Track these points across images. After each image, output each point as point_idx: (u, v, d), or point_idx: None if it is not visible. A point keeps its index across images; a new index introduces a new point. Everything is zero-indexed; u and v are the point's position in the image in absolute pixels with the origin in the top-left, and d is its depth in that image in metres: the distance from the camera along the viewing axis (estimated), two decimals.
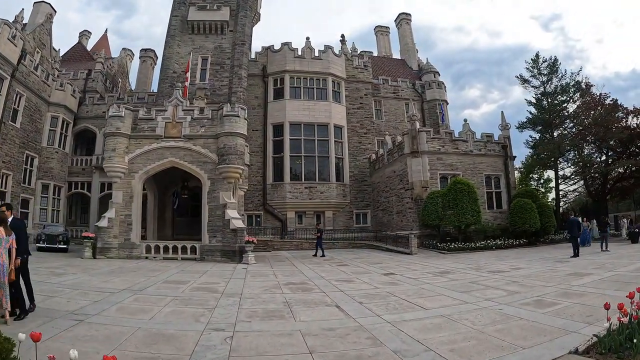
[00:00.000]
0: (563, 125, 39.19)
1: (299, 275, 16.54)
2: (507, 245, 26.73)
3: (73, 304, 9.27)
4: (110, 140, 23.44)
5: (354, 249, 30.69)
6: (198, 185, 25.36)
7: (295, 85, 37.52)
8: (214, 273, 16.90)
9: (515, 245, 26.97)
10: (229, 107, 23.92)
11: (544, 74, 39.17)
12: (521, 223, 27.59)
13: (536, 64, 39.57)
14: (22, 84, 29.09)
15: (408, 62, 52.23)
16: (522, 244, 27.41)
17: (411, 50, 53.33)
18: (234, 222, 22.51)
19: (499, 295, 10.69)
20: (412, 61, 52.14)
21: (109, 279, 13.93)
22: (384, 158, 34.47)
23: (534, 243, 28.24)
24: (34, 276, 12.84)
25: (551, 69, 38.96)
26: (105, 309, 8.92)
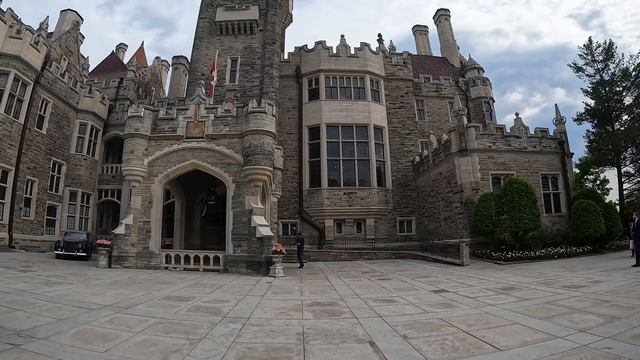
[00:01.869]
0: (624, 115, 35.11)
1: (329, 292, 13.74)
2: (570, 254, 23.21)
3: (29, 321, 7.94)
4: (128, 142, 21.73)
5: (398, 260, 27.73)
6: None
7: (331, 85, 35.15)
8: (230, 288, 14.48)
9: (579, 254, 23.45)
10: (254, 103, 21.66)
11: (598, 60, 35.39)
12: (585, 228, 24.16)
13: (590, 50, 35.79)
14: (48, 90, 28.58)
15: (449, 60, 49.32)
16: (586, 251, 23.82)
17: (452, 46, 50.48)
18: (261, 230, 20.06)
19: (594, 323, 7.78)
20: (453, 58, 49.23)
21: (103, 292, 12.07)
22: (428, 159, 31.55)
23: (598, 250, 24.55)
24: (23, 284, 12.02)
25: (607, 54, 35.37)
26: (61, 332, 7.36)
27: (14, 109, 25.41)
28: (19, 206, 25.65)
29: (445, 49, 51.17)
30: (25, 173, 26.39)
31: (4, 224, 24.22)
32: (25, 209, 26.49)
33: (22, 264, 18.10)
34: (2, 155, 24.39)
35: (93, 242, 24.49)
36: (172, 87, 48.96)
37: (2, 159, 24.34)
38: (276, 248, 19.13)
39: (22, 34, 25.48)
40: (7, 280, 13.02)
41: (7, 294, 10.52)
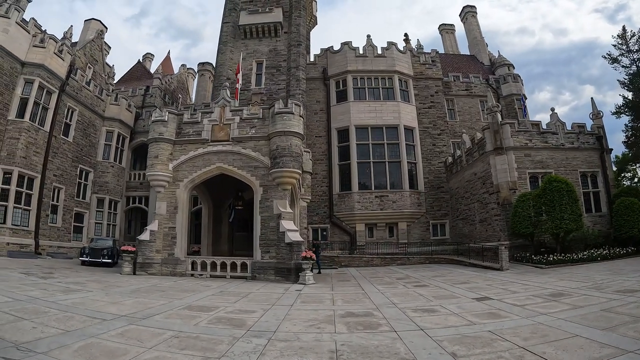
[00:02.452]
0: None
1: (363, 300, 12.52)
2: (614, 255, 21.38)
3: (34, 332, 7.28)
4: (153, 146, 21.18)
5: (432, 265, 26.30)
6: None
7: (359, 86, 34.04)
8: (257, 296, 13.42)
9: (623, 255, 21.59)
10: (281, 104, 20.75)
11: (633, 50, 33.47)
12: (628, 227, 22.44)
13: (624, 40, 33.87)
14: (74, 98, 28.64)
15: (478, 57, 47.79)
16: (630, 252, 21.88)
17: (480, 44, 48.89)
18: (290, 235, 19.03)
19: None
20: (482, 55, 47.63)
21: (120, 301, 11.27)
22: (462, 160, 30.09)
23: None
24: (39, 291, 11.49)
25: None
26: (65, 346, 6.67)
27: (39, 117, 25.35)
28: (45, 213, 25.45)
29: (473, 47, 49.67)
30: (52, 180, 26.31)
31: (30, 231, 23.97)
32: (52, 216, 26.29)
33: (45, 270, 17.54)
34: (28, 162, 24.23)
35: (119, 248, 23.87)
36: (198, 94, 48.58)
37: (27, 166, 24.17)
38: (306, 254, 18.11)
39: (45, 43, 25.51)
40: (24, 287, 12.37)
41: (19, 302, 9.85)
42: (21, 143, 23.74)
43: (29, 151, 24.26)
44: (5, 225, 22.42)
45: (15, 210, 23.13)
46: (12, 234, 22.72)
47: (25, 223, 23.81)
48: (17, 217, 23.29)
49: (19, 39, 24.48)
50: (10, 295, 10.53)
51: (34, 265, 18.84)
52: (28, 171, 24.13)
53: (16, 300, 9.94)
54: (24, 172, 23.84)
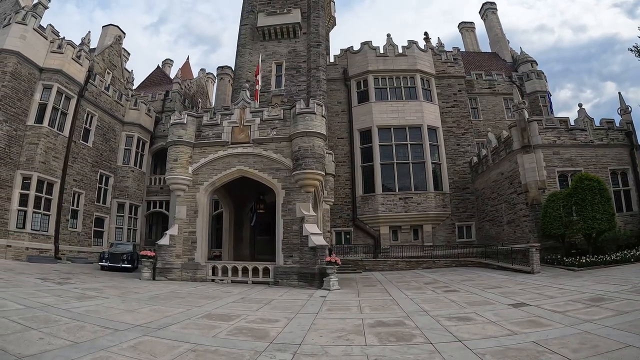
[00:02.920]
0: None
1: (392, 308, 11.60)
2: None
3: (40, 344, 6.69)
4: (172, 150, 20.62)
5: (459, 268, 25.15)
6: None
7: (381, 86, 33.13)
8: (280, 304, 12.60)
9: None
10: (302, 104, 19.97)
11: None
12: None
13: None
14: (93, 103, 28.48)
15: (500, 54, 46.53)
16: None
17: (502, 40, 47.67)
18: (313, 239, 18.17)
19: None
20: (504, 52, 46.35)
21: (137, 308, 10.63)
22: (487, 159, 28.93)
23: None
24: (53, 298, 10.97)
25: None
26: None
27: (58, 122, 25.19)
28: (65, 218, 25.25)
29: (494, 44, 48.43)
30: (72, 185, 26.15)
31: (50, 236, 23.69)
32: (72, 221, 26.11)
33: (63, 275, 17.04)
34: (47, 167, 23.99)
35: (139, 253, 23.45)
36: (218, 98, 48.29)
37: (47, 171, 23.95)
38: (330, 258, 17.24)
39: (63, 48, 25.38)
40: (39, 293, 11.78)
41: (30, 309, 9.24)
42: (40, 148, 23.51)
43: (48, 156, 24.04)
44: (25, 230, 22.17)
45: (34, 215, 22.87)
46: (32, 238, 22.44)
47: (45, 228, 23.52)
48: (37, 222, 23.01)
49: (37, 45, 24.40)
50: (22, 302, 9.96)
51: (52, 270, 18.37)
52: (47, 176, 23.89)
53: (27, 308, 9.37)
54: (43, 177, 23.59)
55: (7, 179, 22.21)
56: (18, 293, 11.27)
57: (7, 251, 21.12)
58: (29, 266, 19.20)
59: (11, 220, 21.84)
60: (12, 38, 23.29)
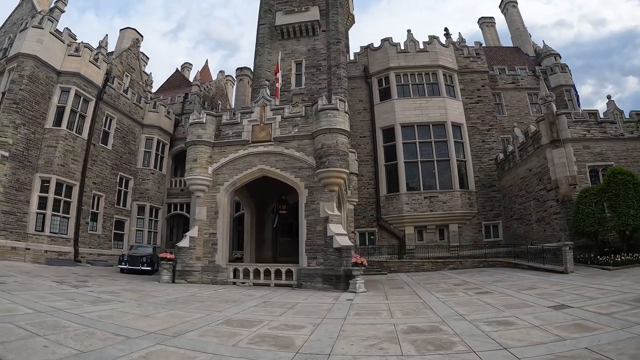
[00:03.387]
0: None
1: (424, 312, 10.67)
2: None
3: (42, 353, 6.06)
4: (191, 150, 19.94)
5: (487, 269, 23.97)
6: None
7: (402, 82, 32.05)
8: (305, 308, 11.72)
9: None
10: (324, 100, 19.06)
11: None
12: None
13: None
14: (112, 106, 28.29)
15: (522, 49, 44.89)
16: None
17: (523, 34, 46.10)
18: (338, 240, 17.24)
19: None
20: (526, 47, 44.74)
21: (153, 313, 9.87)
22: (514, 155, 27.69)
23: None
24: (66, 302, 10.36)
25: None
26: None
27: (76, 125, 25.01)
28: (85, 221, 25.02)
29: (516, 38, 46.92)
30: (92, 188, 25.91)
31: (69, 239, 23.42)
32: (92, 224, 25.83)
33: (80, 278, 16.50)
34: (66, 170, 23.75)
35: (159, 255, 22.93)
36: (237, 99, 47.79)
37: (66, 174, 23.70)
38: (356, 259, 16.26)
39: (80, 51, 25.39)
40: (52, 296, 11.14)
41: (40, 314, 8.57)
42: (58, 151, 23.31)
43: (66, 159, 23.81)
44: (44, 233, 21.91)
45: (53, 218, 22.62)
46: (50, 241, 22.16)
47: (64, 231, 23.23)
48: (56, 225, 22.72)
49: (54, 48, 24.35)
50: (33, 307, 9.31)
51: (70, 273, 17.88)
52: (66, 179, 23.63)
53: (37, 312, 8.72)
54: (62, 180, 23.32)
55: (25, 182, 22.02)
56: (30, 296, 10.64)
57: (25, 254, 20.86)
58: (47, 269, 18.73)
59: (30, 223, 21.60)
60: (29, 42, 23.26)
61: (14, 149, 21.68)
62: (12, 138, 21.64)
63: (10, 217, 20.93)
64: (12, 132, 21.71)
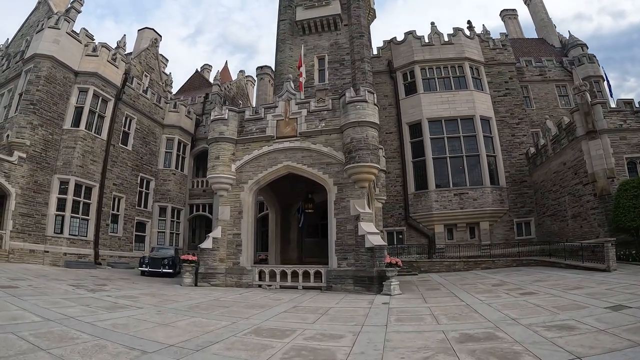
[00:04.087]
0: None
1: (471, 315, 9.45)
2: None
3: None
4: (213, 147, 18.89)
5: (522, 268, 22.41)
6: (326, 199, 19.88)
7: (428, 76, 30.58)
8: (339, 313, 10.48)
9: None
10: (352, 92, 17.86)
11: None
12: None
13: None
14: (131, 106, 27.54)
15: (548, 40, 43.02)
16: None
17: (548, 25, 44.30)
18: (370, 239, 15.96)
19: None
20: (551, 38, 42.88)
21: (173, 322, 8.70)
22: (547, 149, 26.07)
23: None
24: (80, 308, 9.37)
25: None
26: None
27: (95, 125, 24.35)
28: (106, 222, 24.33)
29: (541, 29, 45.15)
30: (112, 189, 25.21)
31: (89, 241, 22.67)
32: (113, 225, 25.14)
33: (99, 281, 15.54)
34: (85, 171, 23.06)
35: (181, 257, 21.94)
36: (258, 98, 46.66)
37: (85, 175, 23.00)
38: (391, 259, 14.97)
39: (98, 51, 24.82)
40: (65, 302, 10.09)
41: (48, 323, 7.57)
42: (77, 152, 22.66)
43: (85, 160, 23.11)
44: (63, 235, 21.20)
45: (72, 220, 21.92)
46: (70, 244, 21.43)
47: (84, 233, 22.51)
48: (75, 227, 22.00)
49: (71, 49, 23.79)
50: (42, 314, 8.29)
51: (89, 276, 16.98)
52: (85, 180, 22.91)
53: (45, 321, 7.69)
54: (81, 181, 22.63)
55: (44, 184, 21.36)
56: (42, 302, 9.61)
57: (44, 257, 20.20)
58: (65, 272, 17.92)
59: (49, 226, 20.94)
60: (45, 42, 22.74)
61: (32, 150, 21.06)
62: (30, 139, 21.02)
63: (28, 219, 20.27)
64: (30, 134, 21.08)
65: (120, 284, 15.51)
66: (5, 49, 29.17)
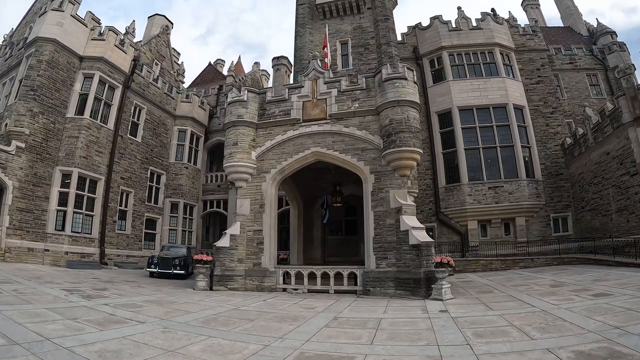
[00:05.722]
0: None
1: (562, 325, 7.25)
2: None
3: None
4: (230, 132, 16.50)
5: (565, 267, 20.02)
6: (354, 193, 18.81)
7: (457, 62, 27.89)
8: (396, 327, 8.02)
9: None
10: (389, 69, 15.40)
11: None
12: None
13: None
14: (141, 95, 25.16)
15: (574, 28, 40.18)
16: None
17: (575, 13, 41.45)
18: (415, 234, 13.53)
19: None
20: (578, 26, 39.99)
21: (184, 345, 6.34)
22: (587, 138, 23.37)
23: None
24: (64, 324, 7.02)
25: None
26: None
27: (101, 114, 22.06)
28: (112, 219, 21.97)
29: (567, 18, 42.35)
30: (119, 183, 22.89)
31: (93, 239, 20.33)
32: (120, 222, 22.79)
33: (100, 285, 13.17)
34: (89, 163, 20.71)
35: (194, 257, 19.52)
36: (275, 90, 44.22)
37: (89, 167, 20.66)
38: (441, 259, 12.57)
39: (105, 35, 22.62)
40: (49, 314, 7.76)
41: (12, 347, 5.35)
42: (80, 142, 20.39)
43: (90, 150, 20.80)
44: (64, 232, 18.88)
45: (75, 216, 19.56)
46: (72, 242, 19.11)
47: (88, 230, 20.17)
48: (78, 223, 19.66)
49: (75, 32, 21.58)
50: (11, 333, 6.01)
51: (89, 278, 14.66)
52: (90, 172, 20.59)
53: (9, 345, 5.39)
54: (84, 174, 20.30)
55: (44, 176, 19.12)
56: (19, 314, 7.28)
57: (44, 256, 17.96)
58: (65, 273, 15.64)
59: (49, 222, 18.70)
60: (48, 25, 20.60)
61: (31, 139, 18.83)
62: (29, 128, 18.80)
63: (27, 215, 18.02)
64: (29, 122, 18.85)
65: (124, 287, 13.11)
66: (9, 38, 27.13)
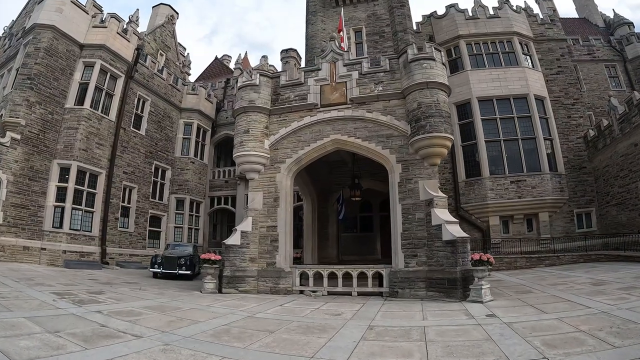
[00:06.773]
0: None
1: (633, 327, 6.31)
2: None
3: None
4: (241, 119, 15.08)
5: (594, 264, 18.71)
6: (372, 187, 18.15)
7: (475, 52, 26.37)
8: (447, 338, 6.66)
9: None
10: (415, 49, 14.15)
11: None
12: None
13: None
14: (144, 86, 23.80)
15: (590, 19, 38.99)
16: None
17: (590, 3, 40.19)
18: (450, 229, 12.21)
19: None
20: (594, 17, 38.80)
21: None
22: (612, 130, 21.89)
23: None
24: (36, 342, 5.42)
25: None
26: None
27: (102, 104, 20.69)
28: (115, 216, 20.62)
29: (582, 9, 41.17)
30: (122, 178, 21.56)
31: (93, 237, 18.94)
32: (123, 219, 21.43)
33: (96, 287, 11.69)
34: (89, 155, 19.35)
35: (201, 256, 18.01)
36: (289, 73, 42.77)
37: (89, 160, 19.31)
38: (480, 256, 11.02)
39: (107, 22, 21.37)
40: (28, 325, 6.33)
41: None
42: (80, 133, 19.05)
43: (90, 143, 19.44)
44: (62, 229, 17.51)
45: (74, 212, 18.20)
46: (70, 240, 17.74)
47: (87, 227, 18.78)
48: (77, 220, 18.28)
49: (76, 19, 20.34)
50: None
51: (86, 280, 13.21)
52: (90, 166, 19.22)
53: None
54: (84, 167, 18.94)
55: (41, 170, 17.75)
56: None
57: (41, 255, 16.61)
58: (61, 273, 14.20)
59: (46, 219, 17.35)
60: (46, 12, 19.37)
61: (27, 131, 17.49)
62: (25, 118, 17.46)
63: (22, 211, 16.65)
64: (25, 112, 17.51)
65: (123, 290, 11.55)
66: (9, 30, 25.84)
